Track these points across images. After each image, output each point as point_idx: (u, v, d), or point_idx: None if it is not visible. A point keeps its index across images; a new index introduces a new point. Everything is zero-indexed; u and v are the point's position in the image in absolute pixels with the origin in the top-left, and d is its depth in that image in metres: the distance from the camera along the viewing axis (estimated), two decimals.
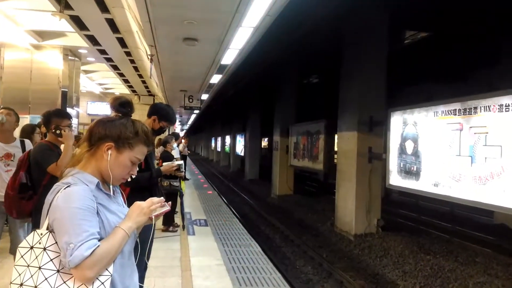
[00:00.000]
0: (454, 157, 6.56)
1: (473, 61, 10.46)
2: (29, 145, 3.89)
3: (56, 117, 3.20)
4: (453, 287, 6.70)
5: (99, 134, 1.49)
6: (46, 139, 3.31)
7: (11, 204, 3.11)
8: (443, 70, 11.49)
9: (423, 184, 7.43)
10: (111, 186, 1.54)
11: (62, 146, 3.25)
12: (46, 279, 1.31)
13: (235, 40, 6.82)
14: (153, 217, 1.49)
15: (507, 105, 5.56)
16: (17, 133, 4.19)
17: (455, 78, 10.93)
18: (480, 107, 6.01)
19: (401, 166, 8.10)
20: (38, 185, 3.07)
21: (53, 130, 3.14)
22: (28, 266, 1.34)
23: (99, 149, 1.48)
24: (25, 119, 8.43)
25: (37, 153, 3.11)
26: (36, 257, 1.34)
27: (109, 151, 1.47)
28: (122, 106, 1.60)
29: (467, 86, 9.80)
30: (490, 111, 5.83)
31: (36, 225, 3.00)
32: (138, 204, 1.49)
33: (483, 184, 5.91)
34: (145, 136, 1.54)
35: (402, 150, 8.09)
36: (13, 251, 3.59)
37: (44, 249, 1.34)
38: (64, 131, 3.12)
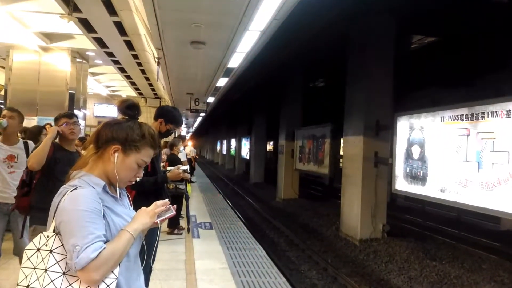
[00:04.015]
0: (461, 162, 6.52)
1: (480, 66, 10.41)
2: (32, 146, 3.88)
3: (56, 120, 3.30)
4: None
5: (106, 137, 1.50)
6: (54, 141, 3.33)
7: (15, 199, 3.26)
8: (450, 75, 11.44)
9: (429, 190, 7.38)
10: (117, 189, 1.54)
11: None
12: (52, 281, 1.31)
13: (242, 44, 6.83)
14: (158, 221, 1.50)
15: None
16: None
17: (462, 83, 10.87)
18: (488, 112, 5.98)
19: (407, 171, 8.06)
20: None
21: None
22: (35, 268, 1.35)
23: (106, 151, 1.49)
24: (33, 121, 8.49)
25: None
26: (43, 259, 1.34)
27: (116, 154, 1.48)
28: (129, 108, 1.60)
29: (474, 91, 9.74)
30: (497, 116, 5.79)
31: (31, 221, 3.12)
32: (143, 208, 1.50)
33: (490, 190, 5.86)
34: (151, 139, 1.55)
35: (408, 155, 8.05)
36: (16, 252, 3.61)
37: (51, 251, 1.34)
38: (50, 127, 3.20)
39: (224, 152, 39.46)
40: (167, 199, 1.58)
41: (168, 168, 3.49)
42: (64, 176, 2.91)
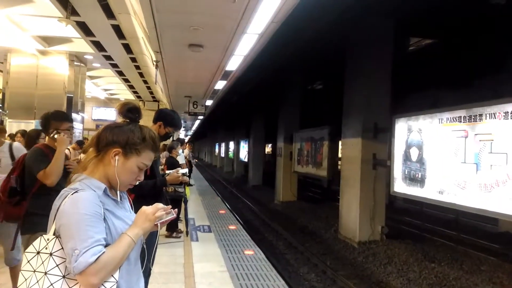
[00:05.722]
0: (459, 164, 6.53)
1: (477, 68, 10.44)
2: (17, 149, 3.72)
3: (55, 120, 2.99)
4: None
5: (107, 140, 1.50)
6: (43, 143, 3.13)
7: (0, 207, 2.97)
8: (448, 77, 11.47)
9: (428, 192, 7.39)
10: (118, 192, 1.54)
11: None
12: (51, 284, 1.31)
13: (240, 47, 6.84)
14: (158, 224, 1.49)
15: None
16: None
17: (460, 85, 10.90)
18: (486, 114, 5.99)
19: (406, 173, 8.07)
20: (29, 191, 2.93)
21: (51, 135, 2.96)
22: (35, 271, 1.35)
23: (107, 154, 1.49)
24: (31, 124, 8.49)
25: (30, 158, 2.96)
26: (43, 263, 1.34)
27: (117, 157, 1.48)
28: (130, 112, 1.60)
29: (472, 93, 9.76)
30: (495, 118, 5.80)
31: (23, 232, 2.90)
32: (143, 210, 1.49)
33: (489, 192, 5.87)
34: (152, 142, 1.55)
35: (406, 157, 8.06)
36: (8, 263, 3.47)
37: (51, 254, 1.34)
38: (60, 135, 2.90)
39: (222, 154, 39.41)
40: (169, 205, 1.57)
41: (167, 172, 3.49)
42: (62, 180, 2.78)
